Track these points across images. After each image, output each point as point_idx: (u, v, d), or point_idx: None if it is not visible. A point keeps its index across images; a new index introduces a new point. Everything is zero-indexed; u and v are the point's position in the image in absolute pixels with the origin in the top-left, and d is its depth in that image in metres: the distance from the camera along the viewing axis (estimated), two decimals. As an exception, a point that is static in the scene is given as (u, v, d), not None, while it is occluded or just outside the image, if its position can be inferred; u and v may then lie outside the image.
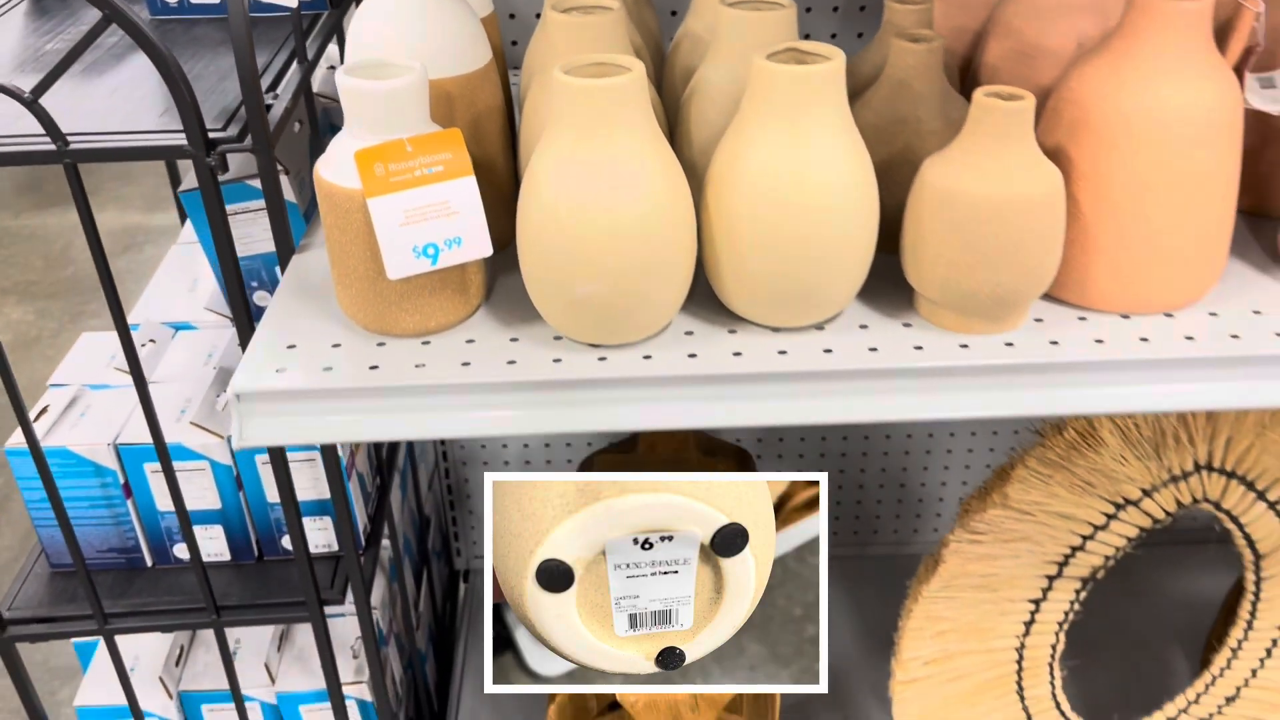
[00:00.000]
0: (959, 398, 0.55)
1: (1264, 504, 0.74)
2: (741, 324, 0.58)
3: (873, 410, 0.55)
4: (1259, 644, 0.81)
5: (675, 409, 0.55)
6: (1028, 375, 0.55)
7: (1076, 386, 0.55)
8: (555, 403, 0.54)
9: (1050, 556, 0.75)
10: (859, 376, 0.55)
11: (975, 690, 0.80)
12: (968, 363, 0.54)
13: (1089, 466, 0.70)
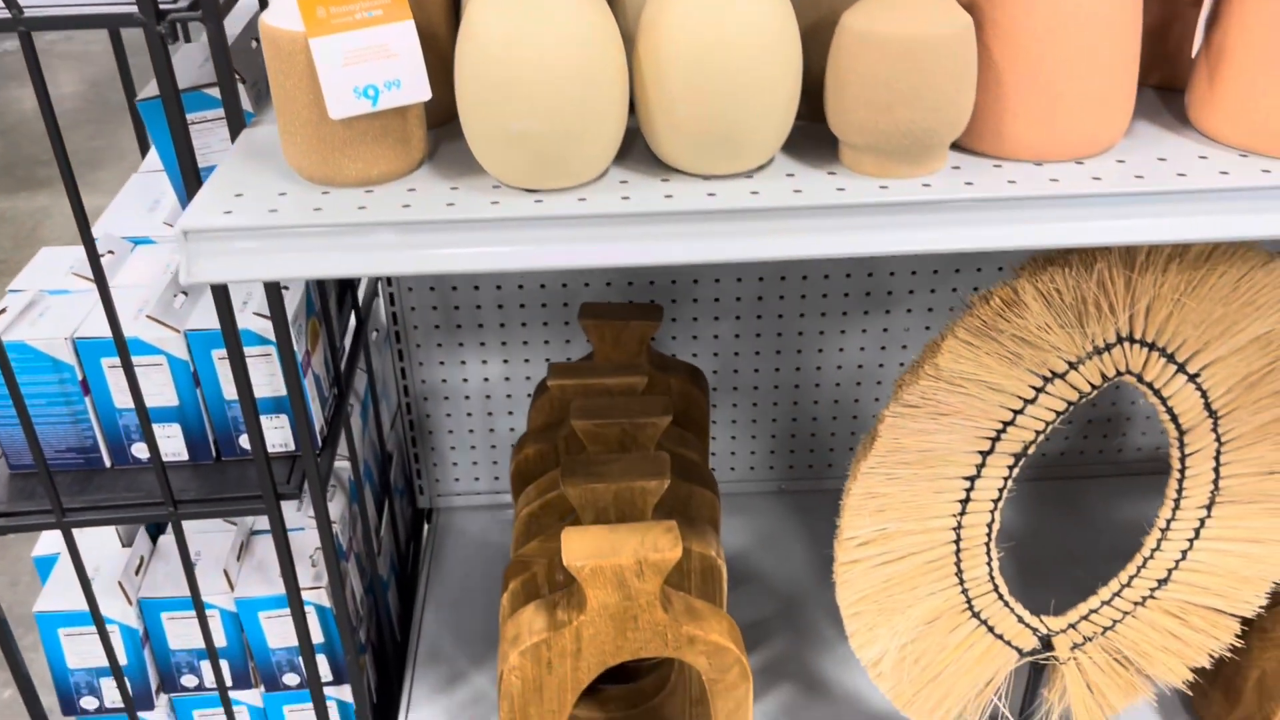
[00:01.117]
0: (878, 235, 0.58)
1: (1184, 376, 0.77)
2: (674, 174, 0.61)
3: (797, 247, 0.58)
4: (1187, 524, 0.84)
5: (608, 248, 0.57)
6: (944, 212, 0.58)
7: (990, 224, 0.58)
8: (492, 241, 0.57)
9: (983, 432, 0.78)
10: (784, 215, 0.57)
11: (915, 571, 0.83)
12: (886, 200, 0.57)
13: (1014, 335, 0.72)
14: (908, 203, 0.57)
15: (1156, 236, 0.58)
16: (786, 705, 1.06)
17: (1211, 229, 0.58)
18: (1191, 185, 0.58)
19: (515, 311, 1.19)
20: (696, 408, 1.04)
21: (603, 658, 0.76)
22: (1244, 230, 0.59)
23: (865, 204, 0.57)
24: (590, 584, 0.73)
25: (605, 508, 0.80)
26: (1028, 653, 0.89)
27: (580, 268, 0.57)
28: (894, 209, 0.57)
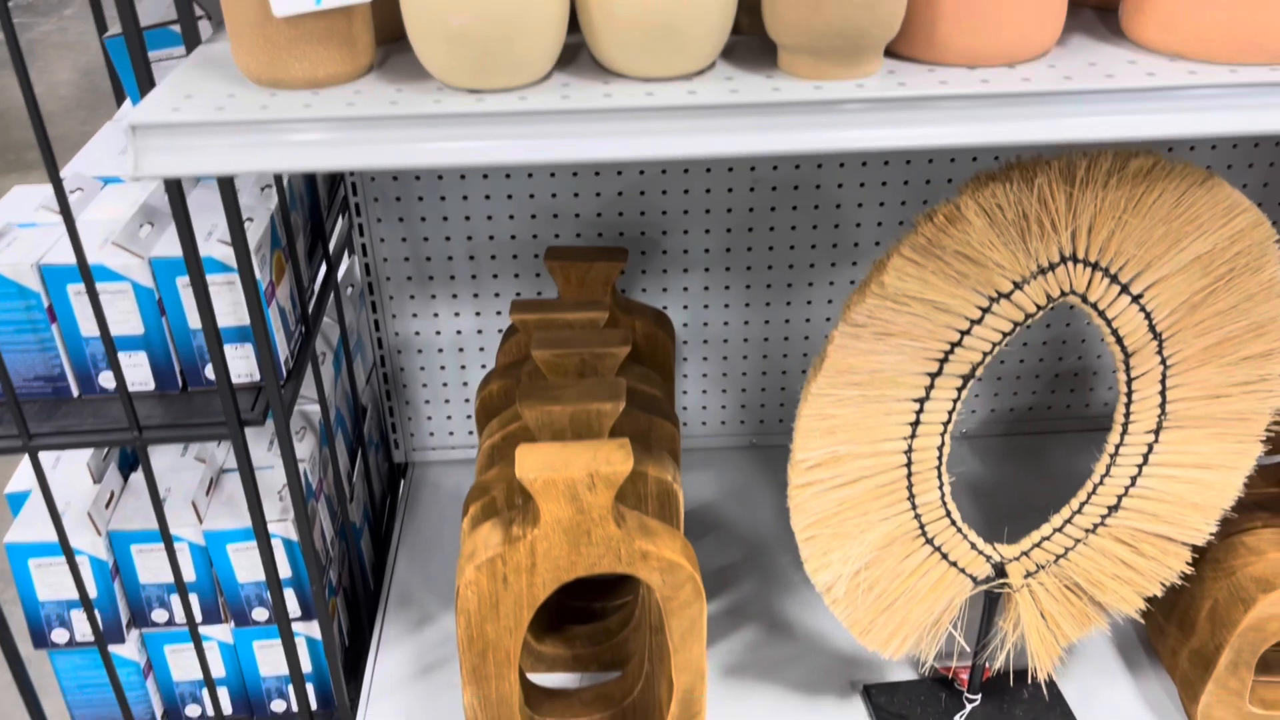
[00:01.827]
0: (813, 134, 0.59)
1: (1128, 298, 0.78)
2: (616, 79, 0.62)
3: (732, 144, 0.59)
4: (1135, 449, 0.85)
5: (549, 143, 0.59)
6: (876, 112, 0.59)
7: (921, 123, 0.60)
8: (435, 137, 0.58)
9: (930, 353, 0.79)
10: (719, 112, 0.59)
11: (867, 495, 0.84)
12: (820, 98, 0.59)
13: (958, 251, 0.74)
14: (841, 100, 0.59)
15: (1085, 135, 0.60)
16: (750, 644, 1.07)
17: (1138, 128, 0.60)
18: (1118, 85, 0.59)
19: (486, 263, 1.21)
20: (661, 350, 1.06)
21: (557, 573, 0.78)
22: (1170, 129, 0.60)
23: (799, 102, 0.59)
24: (543, 497, 0.74)
25: (562, 430, 0.81)
26: (982, 581, 0.90)
27: (520, 163, 0.59)
28: (827, 107, 0.59)
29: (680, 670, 0.84)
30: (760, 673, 1.04)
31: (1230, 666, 0.90)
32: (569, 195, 1.17)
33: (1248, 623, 0.88)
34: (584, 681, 1.02)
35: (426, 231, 1.19)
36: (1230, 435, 0.84)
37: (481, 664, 0.80)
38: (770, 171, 1.16)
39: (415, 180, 1.15)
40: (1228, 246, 0.76)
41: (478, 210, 1.17)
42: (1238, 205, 0.74)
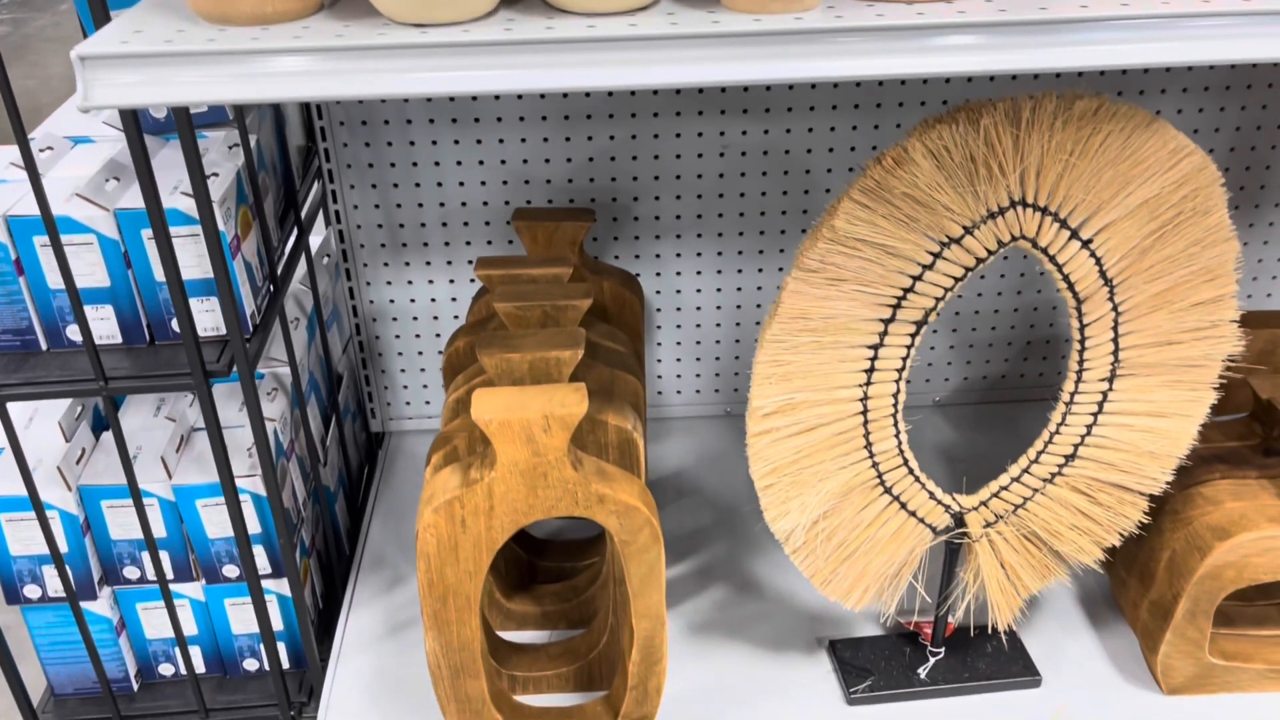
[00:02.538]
0: (751, 65, 0.60)
1: (1078, 243, 0.79)
2: (560, 14, 0.63)
3: (673, 75, 0.60)
4: (1090, 398, 0.86)
5: (492, 74, 0.60)
6: (816, 44, 0.60)
7: (857, 54, 0.61)
8: (380, 70, 0.59)
9: (883, 299, 0.80)
10: (660, 44, 0.60)
11: (825, 443, 0.85)
12: (759, 29, 0.60)
13: (906, 194, 0.75)
14: (779, 31, 0.60)
15: (1020, 66, 0.61)
16: (719, 603, 1.08)
17: (1068, 59, 0.61)
18: (1052, 16, 0.60)
19: (459, 230, 1.22)
20: (629, 310, 1.07)
21: (515, 516, 0.79)
22: (1099, 59, 0.61)
23: (738, 33, 0.60)
24: (498, 439, 0.75)
25: (521, 377, 0.82)
26: (941, 531, 0.91)
27: (462, 93, 0.60)
28: (766, 38, 0.60)
29: (640, 616, 0.85)
30: (728, 630, 1.05)
31: (1188, 616, 0.91)
32: (540, 161, 1.18)
33: (1203, 571, 0.89)
34: (554, 639, 1.03)
35: (399, 198, 1.20)
36: (1183, 383, 0.85)
37: (442, 609, 0.81)
38: (740, 137, 1.17)
39: (387, 146, 1.16)
40: (1174, 190, 0.77)
41: (449, 177, 1.18)
42: (1183, 148, 0.75)
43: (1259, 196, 1.24)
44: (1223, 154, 1.21)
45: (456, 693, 0.86)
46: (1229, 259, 0.80)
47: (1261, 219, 1.25)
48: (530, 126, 1.16)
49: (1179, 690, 0.96)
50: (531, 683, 0.97)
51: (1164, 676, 0.95)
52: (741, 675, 1.00)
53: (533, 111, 1.15)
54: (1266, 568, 0.88)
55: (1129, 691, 0.97)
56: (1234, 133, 1.20)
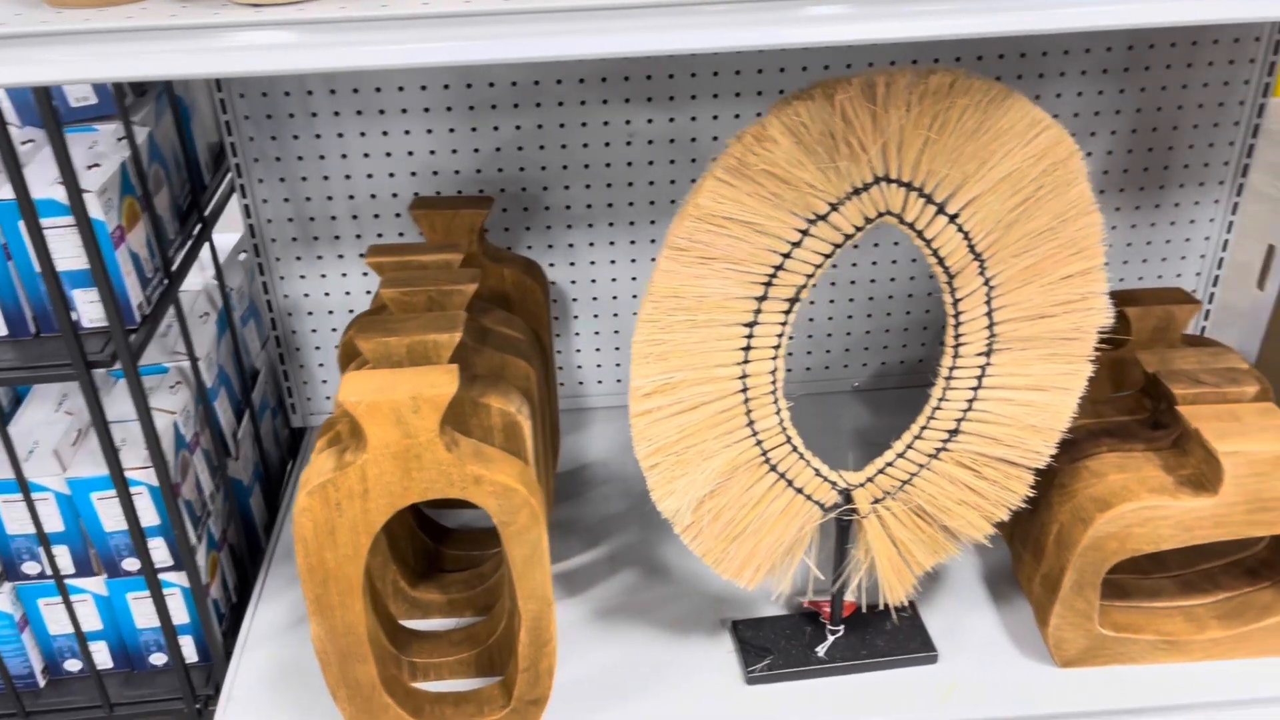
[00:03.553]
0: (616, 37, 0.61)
1: (945, 218, 0.80)
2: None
3: (523, 49, 0.61)
4: (969, 372, 0.87)
5: (319, 54, 0.60)
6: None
7: (726, 27, 0.61)
8: (216, 49, 0.60)
9: (754, 276, 0.81)
10: (499, 19, 0.60)
11: (707, 422, 0.86)
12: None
13: (767, 172, 0.76)
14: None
15: (891, 35, 0.62)
16: (628, 587, 1.09)
17: (949, 27, 0.62)
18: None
19: (370, 222, 1.22)
20: (531, 297, 1.07)
21: (391, 498, 0.79)
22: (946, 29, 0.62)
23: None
24: (367, 421, 0.75)
25: (399, 361, 0.83)
26: (830, 508, 0.92)
27: (291, 72, 0.60)
28: (625, 11, 0.60)
29: (526, 598, 0.85)
30: (635, 614, 1.06)
31: (1075, 588, 0.92)
32: (447, 151, 1.18)
33: (1086, 542, 0.90)
34: (460, 626, 1.04)
35: (308, 191, 1.20)
36: (1059, 356, 0.86)
37: (324, 593, 0.82)
38: (646, 125, 1.18)
39: (293, 139, 1.17)
40: (1034, 164, 0.78)
41: (358, 168, 1.19)
42: (1039, 121, 0.76)
43: (1162, 177, 1.25)
44: (1124, 135, 1.22)
45: (345, 678, 0.86)
46: (1094, 232, 0.81)
47: (1167, 199, 1.27)
48: (436, 117, 1.16)
49: (1072, 663, 0.97)
50: (434, 669, 0.97)
51: (1056, 649, 0.96)
52: (644, 657, 1.00)
53: (438, 102, 1.15)
54: (1147, 538, 0.89)
55: (1024, 665, 0.98)
56: (1134, 114, 1.21)
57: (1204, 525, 0.89)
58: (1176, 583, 1.02)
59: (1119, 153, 1.23)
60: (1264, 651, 0.96)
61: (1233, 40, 1.17)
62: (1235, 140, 1.23)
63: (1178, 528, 0.89)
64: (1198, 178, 1.26)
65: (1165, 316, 1.06)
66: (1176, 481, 0.90)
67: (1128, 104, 1.20)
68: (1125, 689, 0.95)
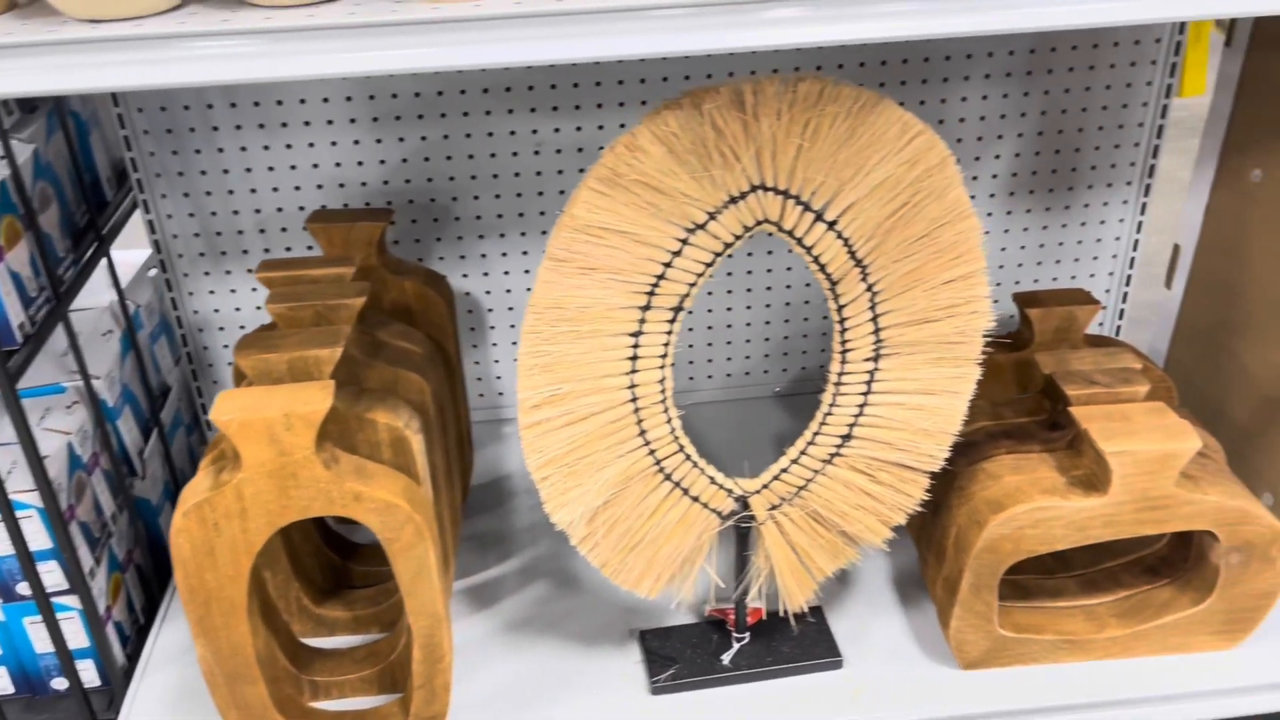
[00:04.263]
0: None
1: (824, 225, 0.80)
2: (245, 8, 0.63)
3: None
4: (857, 378, 0.87)
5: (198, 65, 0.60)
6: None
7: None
8: (50, 66, 0.59)
9: (636, 286, 0.80)
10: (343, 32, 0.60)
11: (598, 432, 0.85)
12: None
13: (640, 181, 0.75)
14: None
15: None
16: (538, 599, 1.08)
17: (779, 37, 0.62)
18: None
19: (278, 236, 1.21)
20: (434, 309, 1.06)
21: (271, 517, 0.78)
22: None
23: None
24: (240, 439, 0.75)
25: (280, 378, 0.82)
26: (727, 516, 0.92)
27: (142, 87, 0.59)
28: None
29: (416, 614, 0.84)
30: (544, 625, 1.05)
31: (973, 590, 0.93)
32: (353, 164, 1.17)
33: (981, 544, 0.90)
34: (366, 643, 1.03)
35: (213, 206, 1.19)
36: (947, 360, 0.86)
37: (207, 614, 0.80)
38: (553, 134, 1.18)
39: (195, 154, 1.15)
40: (908, 170, 0.78)
41: (263, 183, 1.17)
42: (910, 127, 0.77)
43: (1071, 179, 1.26)
44: (1031, 138, 1.23)
45: (235, 699, 0.85)
46: (972, 236, 0.81)
47: (1076, 200, 1.28)
48: (340, 129, 1.15)
49: (975, 664, 0.97)
50: (335, 687, 0.96)
51: (958, 651, 0.96)
52: (551, 669, 1.00)
53: (341, 114, 1.14)
54: (1041, 539, 0.90)
55: (928, 668, 0.98)
56: (1040, 116, 1.22)
57: (1095, 525, 0.90)
58: (1079, 582, 1.02)
59: (1026, 155, 1.24)
60: (1161, 649, 0.97)
61: (1133, 42, 1.19)
62: (1140, 141, 1.25)
63: (1070, 528, 0.90)
64: (1105, 178, 1.27)
65: (1067, 317, 1.07)
66: (1069, 482, 0.90)
67: (1033, 107, 1.21)
68: (1027, 689, 0.95)
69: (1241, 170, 1.11)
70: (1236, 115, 1.11)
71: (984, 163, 1.24)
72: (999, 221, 1.28)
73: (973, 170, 1.25)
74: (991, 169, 1.25)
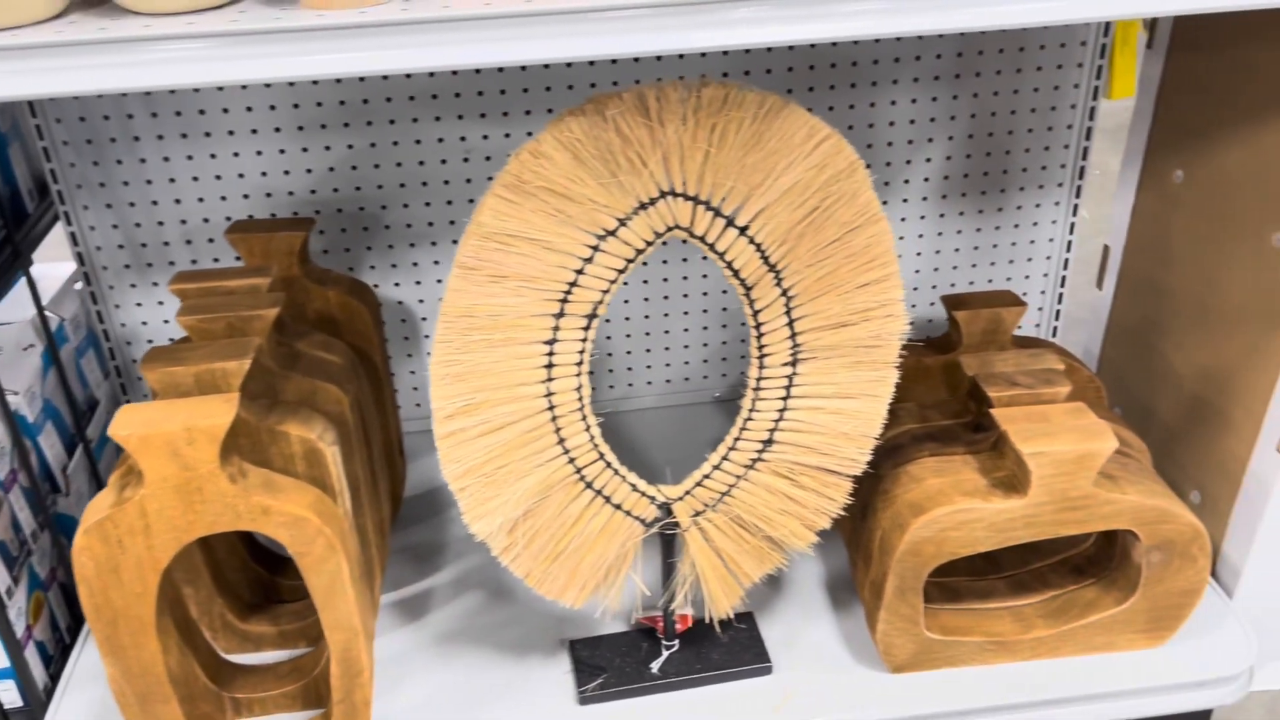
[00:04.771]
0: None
1: (735, 230, 0.80)
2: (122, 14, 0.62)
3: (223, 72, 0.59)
4: (776, 382, 0.87)
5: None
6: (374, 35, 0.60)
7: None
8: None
9: (549, 294, 0.80)
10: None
11: (516, 441, 0.84)
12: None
13: (546, 188, 0.75)
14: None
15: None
16: (469, 611, 1.07)
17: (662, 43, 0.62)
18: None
19: (204, 247, 1.19)
20: (359, 318, 1.05)
21: (177, 533, 0.77)
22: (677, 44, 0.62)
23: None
24: (141, 454, 0.73)
25: (187, 392, 0.80)
26: (650, 523, 0.91)
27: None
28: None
29: (331, 629, 0.83)
30: (475, 636, 1.04)
31: (898, 593, 0.93)
32: (279, 173, 1.16)
33: (904, 547, 0.90)
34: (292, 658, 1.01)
35: (137, 218, 1.17)
36: (865, 363, 0.86)
37: (114, 633, 0.79)
38: (481, 141, 1.17)
39: (117, 165, 1.14)
40: (817, 174, 0.78)
41: (187, 193, 1.16)
42: (817, 131, 0.77)
43: (1002, 181, 1.27)
44: (962, 140, 1.24)
45: (148, 719, 0.84)
46: (883, 240, 0.81)
47: (1008, 202, 1.29)
48: (265, 138, 1.14)
49: (903, 668, 0.97)
50: (258, 704, 0.95)
51: (886, 655, 0.96)
52: (479, 681, 0.99)
53: (265, 123, 1.13)
54: (963, 541, 0.90)
55: (857, 672, 0.98)
56: (970, 119, 1.23)
57: (1016, 526, 0.90)
58: (1008, 583, 1.03)
59: (958, 158, 1.25)
60: (1087, 649, 0.97)
61: (1059, 45, 1.20)
62: (1070, 143, 1.26)
63: (991, 530, 0.90)
64: (1036, 180, 1.28)
65: (994, 319, 1.08)
66: (990, 484, 0.91)
67: (962, 110, 1.22)
68: (954, 691, 0.95)
69: (1165, 171, 1.12)
70: (1159, 117, 1.12)
71: (915, 166, 1.25)
72: (933, 224, 1.29)
73: (904, 174, 1.25)
74: (923, 172, 1.25)
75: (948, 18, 0.67)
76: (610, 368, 1.34)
